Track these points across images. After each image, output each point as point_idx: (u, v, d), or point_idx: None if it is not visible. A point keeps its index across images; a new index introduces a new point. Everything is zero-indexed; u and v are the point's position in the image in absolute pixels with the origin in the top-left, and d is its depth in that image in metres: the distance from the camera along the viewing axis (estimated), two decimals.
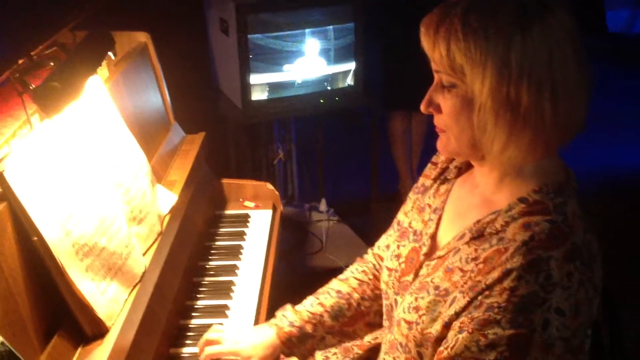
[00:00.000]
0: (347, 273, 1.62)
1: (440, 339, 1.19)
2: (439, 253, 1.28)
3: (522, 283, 1.08)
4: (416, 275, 1.32)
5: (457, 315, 1.16)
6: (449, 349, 1.14)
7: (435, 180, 1.43)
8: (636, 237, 3.74)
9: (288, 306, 1.55)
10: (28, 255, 1.23)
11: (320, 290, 1.59)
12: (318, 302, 1.54)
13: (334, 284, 1.59)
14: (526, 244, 1.10)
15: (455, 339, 1.13)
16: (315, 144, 3.77)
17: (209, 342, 1.50)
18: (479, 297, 1.12)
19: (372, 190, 3.49)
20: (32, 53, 1.47)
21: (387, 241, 1.56)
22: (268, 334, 1.50)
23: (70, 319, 1.29)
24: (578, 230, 1.13)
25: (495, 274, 1.11)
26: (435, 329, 1.19)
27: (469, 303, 1.14)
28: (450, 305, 1.18)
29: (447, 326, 1.17)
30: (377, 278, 1.58)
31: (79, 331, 1.31)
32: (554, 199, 1.16)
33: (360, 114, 3.69)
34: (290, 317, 1.51)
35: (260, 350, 1.48)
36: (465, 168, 1.38)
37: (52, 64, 1.52)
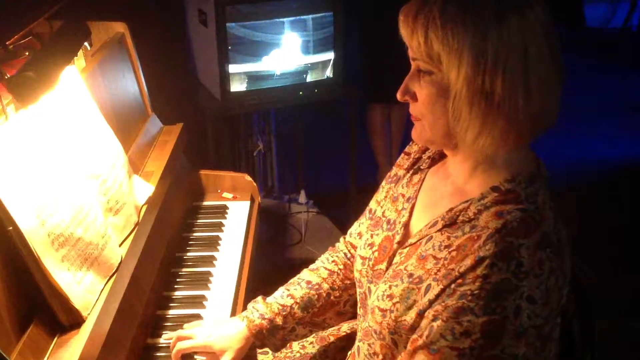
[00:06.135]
0: (317, 263, 1.63)
1: (415, 327, 1.20)
2: (411, 240, 1.29)
3: (495, 270, 1.09)
4: (389, 263, 1.33)
5: (431, 303, 1.16)
6: (424, 338, 1.15)
7: (408, 170, 1.44)
8: (608, 229, 3.78)
9: (259, 298, 1.56)
10: (3, 245, 1.22)
11: (291, 280, 1.60)
12: (288, 294, 1.55)
13: (305, 274, 1.61)
14: (499, 232, 1.11)
15: (430, 327, 1.14)
16: (295, 135, 3.77)
17: (181, 338, 1.51)
18: (452, 285, 1.13)
19: (351, 182, 3.50)
20: (7, 42, 1.46)
21: (359, 229, 1.58)
22: (239, 327, 1.51)
23: (46, 309, 1.29)
24: (548, 219, 1.15)
25: (468, 262, 1.12)
26: (410, 317, 1.20)
27: (443, 291, 1.14)
28: (424, 293, 1.18)
29: (421, 314, 1.18)
30: (347, 267, 1.59)
31: (55, 321, 1.31)
32: (525, 189, 1.17)
33: (340, 105, 3.69)
34: (260, 309, 1.53)
35: (232, 343, 1.49)
36: (438, 158, 1.39)
37: (27, 53, 1.51)
